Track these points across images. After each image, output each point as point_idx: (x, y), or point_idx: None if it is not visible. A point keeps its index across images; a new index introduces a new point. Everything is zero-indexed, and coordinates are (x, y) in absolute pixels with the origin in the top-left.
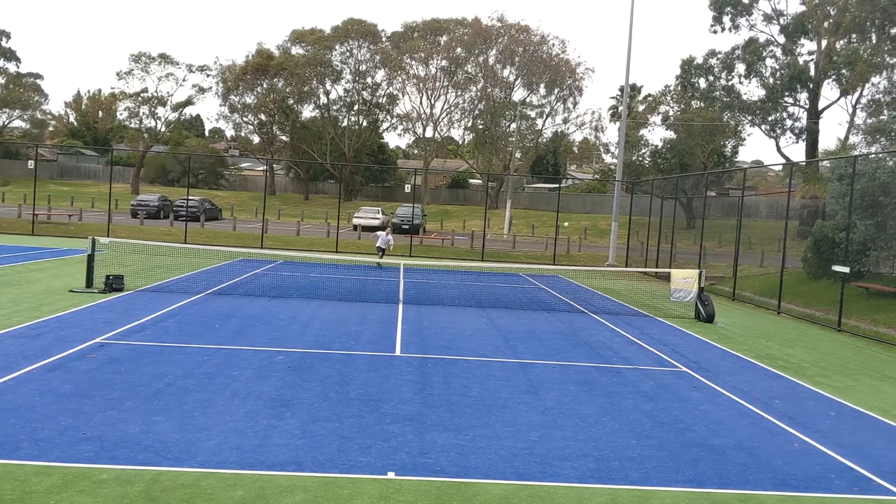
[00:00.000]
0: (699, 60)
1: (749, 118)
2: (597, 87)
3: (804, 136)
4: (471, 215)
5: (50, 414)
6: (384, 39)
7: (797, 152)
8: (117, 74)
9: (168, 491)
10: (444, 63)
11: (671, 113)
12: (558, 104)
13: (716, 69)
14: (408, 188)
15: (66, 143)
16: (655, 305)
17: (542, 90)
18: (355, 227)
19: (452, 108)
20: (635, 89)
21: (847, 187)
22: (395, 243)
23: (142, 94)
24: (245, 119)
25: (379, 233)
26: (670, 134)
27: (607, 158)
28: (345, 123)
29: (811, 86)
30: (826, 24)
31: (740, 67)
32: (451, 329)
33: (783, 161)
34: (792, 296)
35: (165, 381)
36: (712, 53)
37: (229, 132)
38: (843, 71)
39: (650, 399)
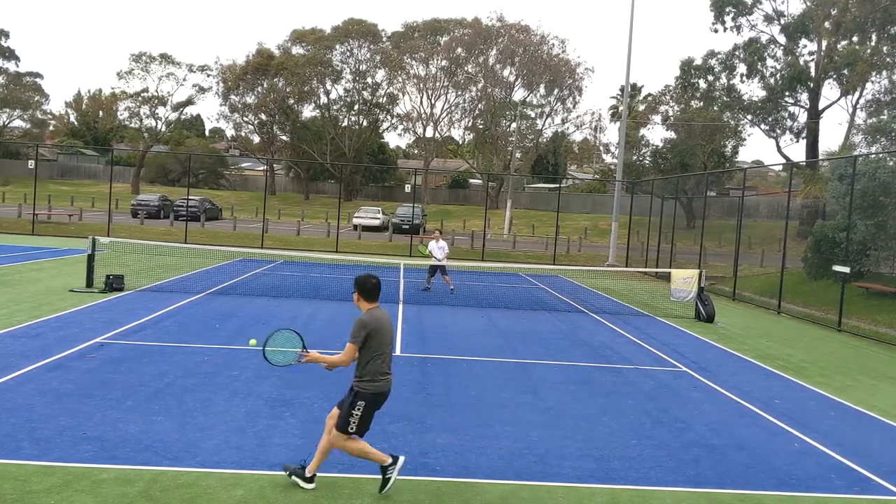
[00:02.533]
0: (698, 62)
1: (749, 118)
2: (597, 87)
3: (804, 136)
4: (471, 215)
5: (50, 414)
6: (384, 39)
7: (797, 152)
8: (118, 74)
9: (168, 491)
10: (444, 63)
11: (671, 113)
12: (558, 104)
13: (716, 69)
14: (408, 188)
15: (67, 143)
16: (655, 305)
17: (542, 90)
18: (355, 227)
19: (452, 108)
20: (635, 89)
21: (847, 187)
22: (395, 242)
23: (142, 94)
24: (245, 119)
25: (431, 243)
26: (671, 134)
27: (607, 158)
28: (345, 123)
29: (811, 86)
30: (826, 24)
31: (741, 67)
32: (451, 329)
33: (783, 161)
34: (792, 296)
35: (165, 381)
36: (712, 54)
37: (229, 132)
38: (844, 71)
39: (650, 399)
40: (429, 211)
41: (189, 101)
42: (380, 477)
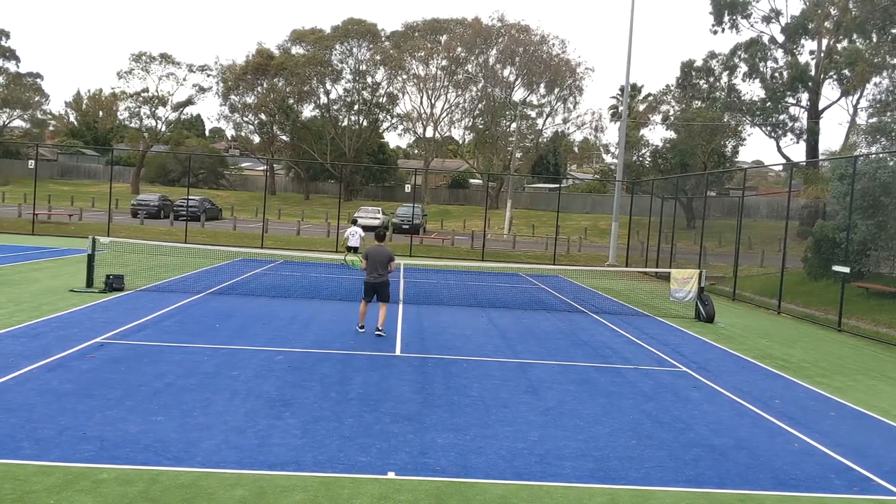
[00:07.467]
0: (699, 63)
1: (750, 119)
2: (597, 87)
3: (805, 137)
4: (471, 215)
5: (50, 413)
6: (384, 39)
7: (798, 152)
8: (118, 74)
9: (168, 491)
10: (444, 63)
11: (671, 113)
12: (558, 104)
13: (716, 70)
14: (408, 188)
15: (67, 143)
16: (655, 305)
17: (543, 90)
18: None
19: (453, 108)
20: (636, 89)
21: (848, 187)
22: (395, 242)
23: (142, 94)
24: (245, 119)
25: (355, 229)
26: (671, 134)
27: (607, 158)
28: (345, 123)
29: (812, 85)
30: (827, 23)
31: (742, 67)
32: (451, 329)
33: (783, 161)
34: (792, 296)
35: (165, 381)
36: (712, 55)
37: (229, 132)
38: (845, 71)
39: (650, 399)
40: (429, 211)
41: (189, 101)
42: (380, 476)
